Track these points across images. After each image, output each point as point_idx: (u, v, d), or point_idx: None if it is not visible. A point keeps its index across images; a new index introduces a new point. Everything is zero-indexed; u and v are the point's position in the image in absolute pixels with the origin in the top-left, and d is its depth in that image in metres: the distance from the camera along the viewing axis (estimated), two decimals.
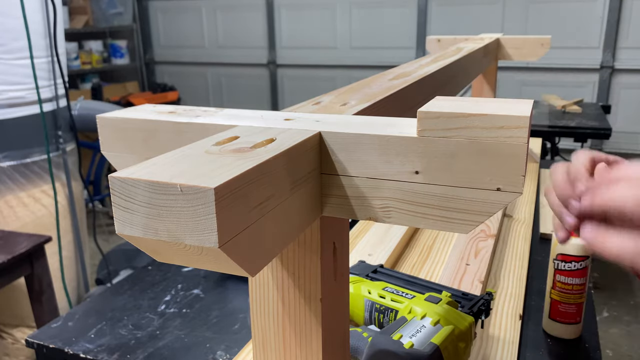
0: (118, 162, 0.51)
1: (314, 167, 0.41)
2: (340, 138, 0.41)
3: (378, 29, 4.03)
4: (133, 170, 0.32)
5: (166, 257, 0.34)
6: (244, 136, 0.40)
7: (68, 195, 2.24)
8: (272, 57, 4.43)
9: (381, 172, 0.41)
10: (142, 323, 0.98)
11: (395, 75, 0.73)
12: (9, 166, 2.04)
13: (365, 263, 0.94)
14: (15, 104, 2.01)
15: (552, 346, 0.90)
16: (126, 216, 0.32)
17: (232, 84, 4.71)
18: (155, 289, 1.10)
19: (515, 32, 3.53)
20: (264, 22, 4.39)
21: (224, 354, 0.89)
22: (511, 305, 0.98)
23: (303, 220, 0.40)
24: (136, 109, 0.52)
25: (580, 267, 0.87)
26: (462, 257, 1.08)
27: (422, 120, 0.39)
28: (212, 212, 0.29)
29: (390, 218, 0.42)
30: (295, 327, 0.47)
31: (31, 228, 2.06)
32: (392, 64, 3.41)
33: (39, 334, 0.95)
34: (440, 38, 1.55)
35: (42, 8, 2.05)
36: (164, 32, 4.85)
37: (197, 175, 0.31)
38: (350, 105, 0.53)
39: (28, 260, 1.74)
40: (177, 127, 0.47)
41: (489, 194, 0.39)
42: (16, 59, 1.99)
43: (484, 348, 0.85)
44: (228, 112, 0.49)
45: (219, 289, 1.10)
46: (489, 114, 0.38)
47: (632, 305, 2.73)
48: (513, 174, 0.38)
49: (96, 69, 4.55)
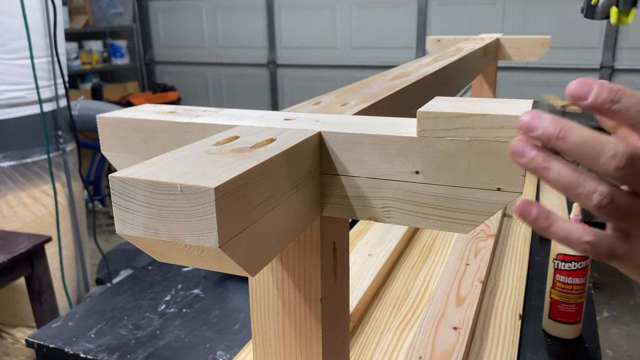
0: (118, 162, 0.51)
1: (314, 167, 0.41)
2: (340, 138, 0.41)
3: (378, 29, 4.03)
4: (133, 170, 0.32)
5: (166, 257, 0.34)
6: (244, 136, 0.40)
7: (68, 195, 2.24)
8: (272, 57, 4.43)
9: (381, 172, 0.41)
10: (142, 323, 0.98)
11: (395, 75, 0.73)
12: (9, 166, 2.04)
13: None
14: (15, 104, 2.01)
15: (552, 346, 0.90)
16: (126, 216, 0.32)
17: (232, 84, 4.71)
18: (155, 289, 1.10)
19: (515, 32, 3.53)
20: (264, 22, 4.39)
21: (224, 354, 0.89)
22: (511, 305, 0.98)
23: (303, 220, 0.40)
24: (136, 109, 0.52)
25: (580, 267, 0.87)
26: (462, 257, 1.08)
27: (422, 120, 0.39)
28: (212, 212, 0.30)
29: (391, 218, 0.42)
30: (295, 327, 0.47)
31: (31, 228, 2.06)
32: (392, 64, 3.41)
33: (39, 334, 0.95)
34: (440, 38, 1.55)
35: (42, 8, 2.05)
36: (164, 32, 4.85)
37: (197, 175, 0.31)
38: (350, 105, 0.53)
39: (28, 260, 1.74)
40: (177, 127, 0.47)
41: (489, 194, 0.39)
42: (16, 59, 1.99)
43: (484, 348, 0.85)
44: (228, 112, 0.49)
45: (219, 289, 1.10)
46: (489, 114, 0.38)
47: (632, 305, 2.73)
48: (513, 174, 0.38)
49: (96, 69, 4.55)
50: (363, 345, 0.87)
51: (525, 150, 0.32)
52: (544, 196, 1.55)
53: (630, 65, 3.42)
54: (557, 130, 0.31)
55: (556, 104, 2.95)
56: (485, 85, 1.58)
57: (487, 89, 1.58)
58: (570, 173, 0.31)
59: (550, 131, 0.31)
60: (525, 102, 0.42)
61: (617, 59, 3.44)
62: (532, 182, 1.60)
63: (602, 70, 3.48)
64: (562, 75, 3.57)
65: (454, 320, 0.88)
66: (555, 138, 0.31)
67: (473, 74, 1.15)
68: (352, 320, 0.91)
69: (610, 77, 3.48)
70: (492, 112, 0.38)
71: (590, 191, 0.31)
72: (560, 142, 0.31)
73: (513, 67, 3.64)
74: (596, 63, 3.48)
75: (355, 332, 0.90)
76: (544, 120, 0.32)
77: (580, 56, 3.51)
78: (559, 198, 1.55)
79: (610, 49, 3.42)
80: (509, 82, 3.68)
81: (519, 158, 0.33)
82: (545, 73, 3.59)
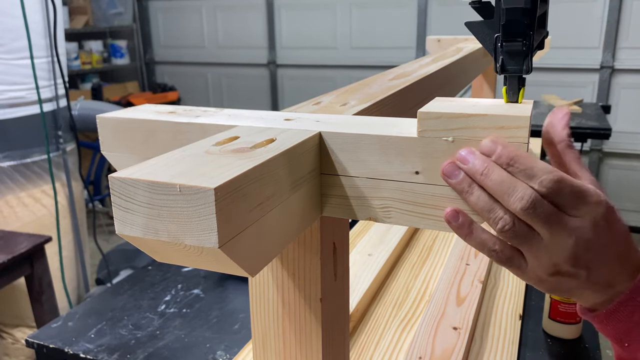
0: (118, 162, 0.51)
1: (314, 167, 0.41)
2: (340, 138, 0.41)
3: (378, 29, 4.03)
4: (133, 171, 0.32)
5: (166, 257, 0.34)
6: (244, 136, 0.40)
7: (68, 195, 2.24)
8: (272, 57, 4.43)
9: (381, 172, 0.41)
10: (142, 323, 0.98)
11: (395, 75, 0.73)
12: (9, 166, 2.04)
13: None
14: (16, 104, 2.01)
15: (552, 346, 0.90)
16: (126, 216, 0.32)
17: (232, 84, 4.71)
18: (155, 289, 1.10)
19: None
20: (264, 22, 4.39)
21: (224, 354, 0.89)
22: (511, 305, 0.98)
23: (303, 220, 0.40)
24: (136, 109, 0.52)
25: None
26: (462, 257, 1.08)
27: (423, 120, 0.39)
28: (212, 212, 0.29)
29: (390, 218, 0.42)
30: (295, 327, 0.47)
31: (31, 228, 2.06)
32: (392, 64, 3.41)
33: (39, 334, 0.95)
34: (440, 38, 1.55)
35: (42, 8, 2.05)
36: (164, 32, 4.85)
37: (197, 175, 0.31)
38: (350, 105, 0.53)
39: (28, 260, 1.74)
40: (177, 127, 0.47)
41: None
42: (16, 59, 1.99)
43: (484, 348, 0.85)
44: (228, 112, 0.49)
45: (219, 289, 1.10)
46: (489, 114, 0.38)
47: None
48: None
49: (96, 69, 4.54)
50: (363, 345, 0.87)
51: (455, 173, 0.39)
52: None
53: (630, 65, 3.42)
54: (482, 168, 0.38)
55: (556, 104, 2.95)
56: (485, 85, 1.58)
57: (487, 89, 1.58)
58: (486, 200, 0.39)
59: (477, 168, 0.38)
60: (525, 102, 0.42)
61: (617, 59, 3.44)
62: None
63: (602, 70, 3.47)
64: (562, 75, 3.57)
65: (454, 320, 0.88)
66: (479, 174, 0.38)
67: (473, 74, 1.15)
68: (352, 320, 0.91)
69: (610, 77, 3.48)
70: (492, 112, 0.38)
71: (498, 217, 0.39)
72: (483, 177, 0.38)
73: None
74: (596, 63, 3.48)
75: (355, 332, 0.90)
76: (475, 158, 0.39)
77: (580, 56, 3.51)
78: None
79: (610, 49, 3.42)
80: None
81: (448, 178, 0.39)
82: (545, 73, 3.59)
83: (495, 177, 0.38)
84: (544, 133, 0.48)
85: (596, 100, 3.52)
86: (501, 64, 0.43)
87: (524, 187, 0.37)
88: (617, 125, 3.47)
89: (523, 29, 0.41)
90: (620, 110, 3.50)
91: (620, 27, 3.39)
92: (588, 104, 3.08)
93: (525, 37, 0.41)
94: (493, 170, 0.38)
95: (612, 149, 3.58)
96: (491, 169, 0.38)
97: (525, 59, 0.42)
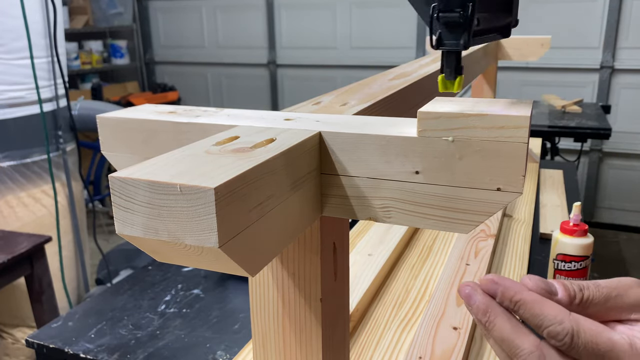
0: (118, 162, 0.51)
1: (314, 167, 0.41)
2: (340, 138, 0.41)
3: (378, 29, 4.03)
4: (133, 170, 0.32)
5: (166, 257, 0.34)
6: (244, 136, 0.40)
7: (68, 195, 2.24)
8: (272, 57, 4.43)
9: (381, 172, 0.41)
10: (142, 323, 0.98)
11: (395, 75, 0.73)
12: (9, 166, 2.04)
13: None
14: (15, 104, 2.01)
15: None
16: (126, 216, 0.32)
17: (232, 84, 4.71)
18: (155, 289, 1.10)
19: (515, 32, 3.52)
20: (264, 22, 4.39)
21: (224, 354, 0.89)
22: None
23: (303, 220, 0.40)
24: (136, 109, 0.52)
25: (580, 267, 0.87)
26: (462, 257, 1.08)
27: (423, 120, 0.39)
28: (212, 212, 0.29)
29: (390, 218, 0.42)
30: (295, 327, 0.47)
31: (31, 228, 2.06)
32: (392, 64, 3.41)
33: (39, 334, 0.95)
34: None
35: (42, 8, 2.05)
36: (164, 32, 4.85)
37: (197, 175, 0.31)
38: (350, 105, 0.53)
39: (28, 260, 1.74)
40: (177, 127, 0.47)
41: (489, 194, 0.39)
42: (16, 59, 1.99)
43: (484, 348, 0.85)
44: (228, 112, 0.49)
45: (219, 289, 1.10)
46: (489, 114, 0.38)
47: None
48: (513, 174, 0.38)
49: (96, 69, 4.55)
50: (363, 345, 0.87)
51: (473, 300, 0.38)
52: (543, 196, 1.56)
53: (630, 65, 3.42)
54: (484, 320, 0.37)
55: (556, 104, 2.94)
56: (485, 85, 1.58)
57: (487, 89, 1.58)
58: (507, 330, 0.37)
59: (478, 317, 0.38)
60: (525, 102, 0.42)
61: (617, 59, 3.44)
62: (532, 182, 1.60)
63: (602, 70, 3.48)
64: (562, 75, 3.57)
65: (454, 320, 0.88)
66: (482, 324, 0.38)
67: (473, 74, 1.15)
68: (352, 320, 0.91)
69: (610, 77, 3.48)
70: (492, 112, 0.38)
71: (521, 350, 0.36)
72: (485, 330, 0.38)
73: (513, 67, 3.64)
74: (596, 63, 3.48)
75: (355, 332, 0.90)
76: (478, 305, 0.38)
77: (580, 56, 3.51)
78: (559, 198, 1.55)
79: (610, 49, 3.42)
80: (509, 82, 3.68)
81: (466, 304, 0.39)
82: (545, 73, 3.59)
83: (495, 334, 0.37)
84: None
85: (596, 100, 3.52)
86: (438, 37, 0.40)
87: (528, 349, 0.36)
88: (617, 125, 3.47)
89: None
90: (620, 110, 3.50)
91: (620, 27, 3.39)
92: (588, 104, 3.08)
93: (463, 8, 0.38)
94: (494, 326, 0.37)
95: (612, 149, 3.58)
96: (492, 322, 0.37)
97: (463, 32, 0.39)
